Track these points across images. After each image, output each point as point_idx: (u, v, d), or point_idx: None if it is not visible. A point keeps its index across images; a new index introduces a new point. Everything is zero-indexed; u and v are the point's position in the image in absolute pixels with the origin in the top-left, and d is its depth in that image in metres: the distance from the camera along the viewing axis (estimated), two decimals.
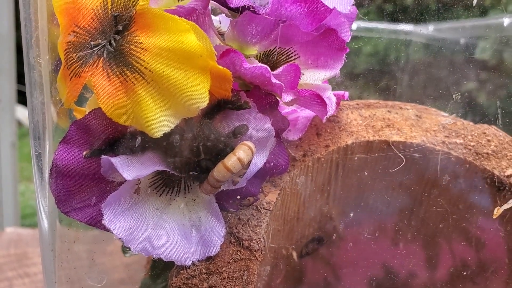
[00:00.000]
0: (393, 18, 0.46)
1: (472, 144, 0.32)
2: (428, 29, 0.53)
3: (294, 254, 0.36)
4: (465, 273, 0.33)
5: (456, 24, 0.50)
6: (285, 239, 0.34)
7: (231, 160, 0.24)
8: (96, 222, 0.26)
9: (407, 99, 0.36)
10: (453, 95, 0.32)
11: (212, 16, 0.30)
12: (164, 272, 0.32)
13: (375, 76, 0.46)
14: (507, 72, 0.42)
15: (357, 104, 0.34)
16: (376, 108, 0.34)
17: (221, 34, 0.29)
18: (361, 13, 0.38)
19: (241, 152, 0.24)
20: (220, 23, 0.31)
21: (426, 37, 0.53)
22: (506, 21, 0.45)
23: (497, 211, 0.29)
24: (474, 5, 0.37)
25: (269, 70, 0.26)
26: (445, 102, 0.34)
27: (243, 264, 0.27)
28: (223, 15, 0.31)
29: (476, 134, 0.32)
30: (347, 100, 0.33)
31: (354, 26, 0.48)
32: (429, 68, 0.48)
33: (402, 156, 0.30)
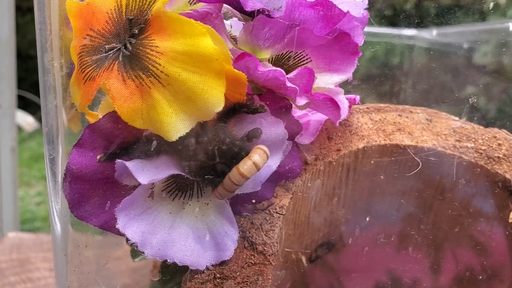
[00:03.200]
0: (397, 23, 0.47)
1: (483, 148, 0.32)
2: (432, 33, 0.54)
3: (303, 259, 0.36)
4: (480, 277, 0.33)
5: (460, 28, 0.50)
6: (296, 243, 0.34)
7: (246, 165, 0.24)
8: (109, 227, 0.26)
9: (414, 104, 0.36)
10: (470, 99, 0.32)
11: (224, 21, 0.30)
12: (174, 277, 0.32)
13: (379, 81, 0.46)
14: None
15: (368, 108, 0.34)
16: (386, 112, 0.34)
17: (232, 38, 0.29)
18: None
19: (257, 156, 0.24)
20: (231, 27, 0.31)
21: (430, 42, 0.53)
22: (511, 25, 0.45)
23: None
24: (490, 8, 0.37)
25: (284, 73, 0.25)
26: (456, 107, 0.35)
27: (257, 268, 0.27)
28: (235, 19, 0.31)
29: (486, 138, 0.32)
30: (357, 104, 0.33)
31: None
32: (435, 73, 0.48)
33: (419, 160, 0.30)
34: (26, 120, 2.21)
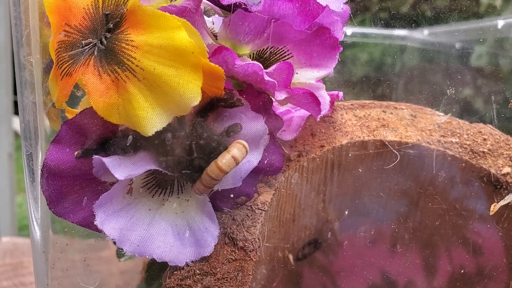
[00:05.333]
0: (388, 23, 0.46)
1: (468, 143, 0.31)
2: (423, 33, 0.54)
3: (291, 257, 0.36)
4: (462, 271, 0.32)
5: (450, 27, 0.50)
6: (281, 241, 0.34)
7: (225, 159, 0.24)
8: (88, 223, 0.25)
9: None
10: (448, 91, 0.32)
11: (206, 18, 0.30)
12: (159, 275, 0.32)
13: (371, 82, 0.46)
14: (503, 75, 0.42)
15: (352, 104, 0.34)
16: (370, 108, 0.33)
17: (214, 35, 0.29)
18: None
19: (236, 150, 0.24)
20: (213, 24, 0.31)
21: (421, 42, 0.53)
22: (500, 23, 0.45)
23: (494, 208, 0.29)
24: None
25: (262, 67, 0.25)
26: (440, 103, 0.34)
27: (237, 264, 0.26)
28: (216, 15, 0.31)
29: (471, 133, 0.32)
30: (341, 100, 0.33)
31: (349, 31, 0.49)
32: (425, 73, 0.48)
33: (397, 153, 0.30)
34: None
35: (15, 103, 1.28)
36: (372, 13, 0.44)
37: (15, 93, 1.23)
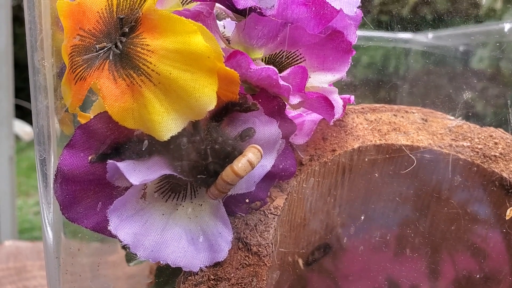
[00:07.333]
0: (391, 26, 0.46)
1: (479, 146, 0.31)
2: (428, 36, 0.53)
3: (300, 261, 0.36)
4: (477, 276, 0.32)
5: (456, 31, 0.50)
6: (292, 246, 0.33)
7: (241, 163, 0.24)
8: (101, 228, 0.25)
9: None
10: (464, 95, 0.32)
11: (217, 22, 0.30)
12: (170, 280, 0.31)
13: (375, 85, 0.46)
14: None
15: (363, 108, 0.34)
16: (381, 112, 0.33)
17: (226, 39, 0.29)
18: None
19: (251, 154, 0.24)
20: (224, 28, 0.31)
21: (426, 45, 0.53)
22: (507, 26, 0.45)
23: (510, 212, 0.29)
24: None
25: (277, 72, 0.25)
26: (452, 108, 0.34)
27: (251, 270, 0.26)
28: (228, 19, 0.31)
29: (483, 137, 0.32)
30: (352, 104, 0.33)
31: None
32: (431, 76, 0.48)
33: (414, 157, 0.30)
34: (24, 129, 2.21)
35: (16, 106, 1.28)
36: (374, 16, 0.44)
37: (15, 96, 1.23)
